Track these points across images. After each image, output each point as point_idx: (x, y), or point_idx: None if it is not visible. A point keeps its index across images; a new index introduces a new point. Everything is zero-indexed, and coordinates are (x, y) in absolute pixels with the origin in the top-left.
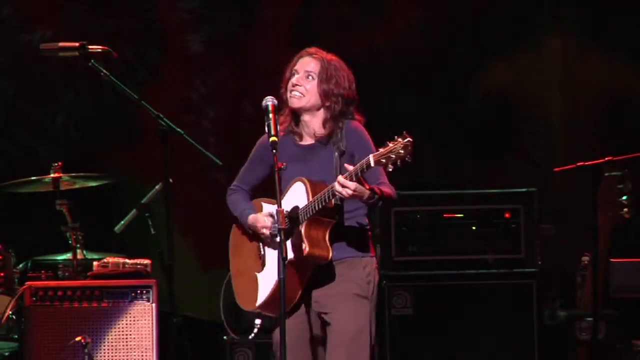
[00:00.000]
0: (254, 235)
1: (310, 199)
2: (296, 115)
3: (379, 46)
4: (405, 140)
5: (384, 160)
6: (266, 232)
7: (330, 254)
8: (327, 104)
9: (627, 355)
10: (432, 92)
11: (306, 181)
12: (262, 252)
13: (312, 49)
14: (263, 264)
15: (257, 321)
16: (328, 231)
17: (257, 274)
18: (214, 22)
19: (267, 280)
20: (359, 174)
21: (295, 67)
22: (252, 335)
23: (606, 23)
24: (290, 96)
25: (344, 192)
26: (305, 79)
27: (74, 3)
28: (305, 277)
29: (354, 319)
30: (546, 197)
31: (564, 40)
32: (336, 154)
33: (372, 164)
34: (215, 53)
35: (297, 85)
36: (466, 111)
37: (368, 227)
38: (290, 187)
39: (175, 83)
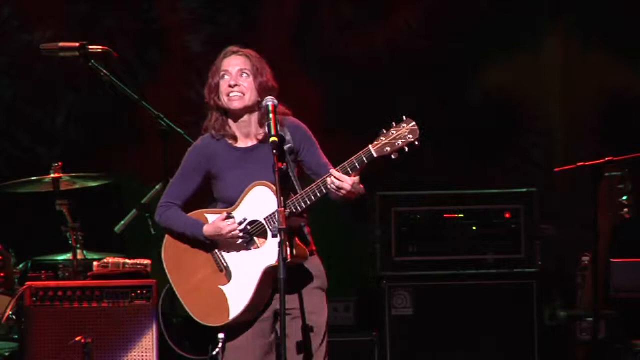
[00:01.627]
0: (207, 246)
1: (282, 202)
2: (224, 117)
3: (379, 46)
4: (411, 124)
5: (388, 149)
6: (235, 233)
7: (307, 252)
8: (264, 97)
9: (627, 355)
10: (432, 92)
11: (271, 185)
12: (225, 264)
13: (234, 47)
14: (228, 276)
15: (220, 335)
16: (296, 231)
17: (221, 286)
18: (214, 22)
19: (239, 291)
20: (357, 166)
21: (224, 68)
22: (217, 350)
23: (606, 23)
24: (229, 98)
25: (341, 192)
26: (241, 77)
27: (74, 3)
28: (275, 279)
29: (323, 312)
30: (546, 197)
31: (564, 40)
32: (285, 149)
33: (375, 155)
34: (215, 53)
35: (235, 85)
36: (466, 111)
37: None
38: (248, 192)
39: (175, 83)
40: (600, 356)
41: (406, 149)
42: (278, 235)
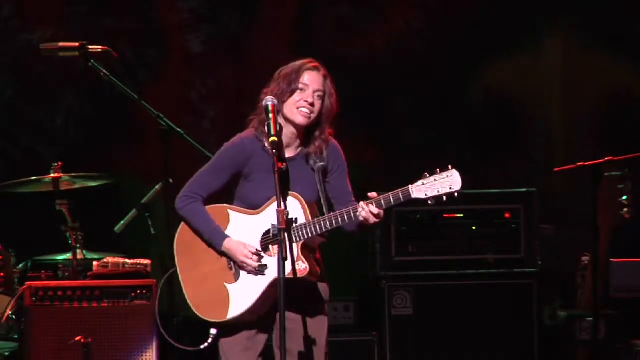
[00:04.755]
0: None
1: (308, 217)
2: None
3: (379, 46)
4: (456, 175)
5: (428, 194)
6: (247, 267)
7: (320, 273)
8: (324, 120)
9: (627, 355)
10: (432, 92)
11: (300, 197)
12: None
13: (316, 63)
14: (237, 276)
15: (213, 331)
16: (315, 251)
17: (227, 284)
18: (214, 22)
19: (244, 293)
20: (392, 202)
21: (304, 82)
22: (206, 344)
23: (606, 23)
24: (298, 112)
25: (367, 222)
26: (317, 99)
27: (74, 3)
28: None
29: (323, 325)
30: (546, 197)
31: (564, 40)
32: (317, 167)
33: (413, 196)
34: (215, 53)
35: (312, 105)
36: (466, 111)
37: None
38: (275, 200)
39: (175, 83)
40: (600, 356)
41: (444, 198)
42: (278, 235)
